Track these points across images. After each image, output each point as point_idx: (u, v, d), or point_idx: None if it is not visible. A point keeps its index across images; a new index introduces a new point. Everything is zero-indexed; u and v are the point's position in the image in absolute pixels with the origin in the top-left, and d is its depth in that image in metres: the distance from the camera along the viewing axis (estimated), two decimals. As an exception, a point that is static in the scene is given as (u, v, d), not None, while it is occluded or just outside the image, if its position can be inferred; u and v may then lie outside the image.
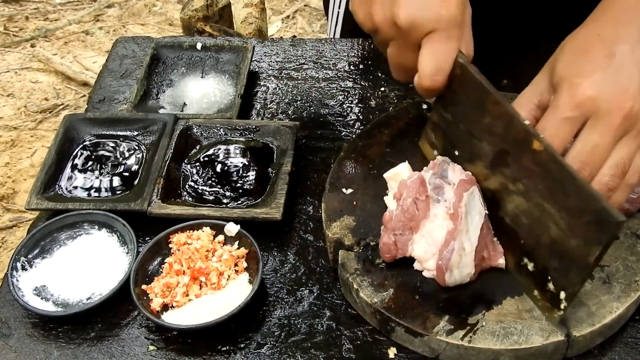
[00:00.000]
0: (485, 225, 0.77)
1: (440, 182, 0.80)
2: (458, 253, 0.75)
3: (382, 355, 0.77)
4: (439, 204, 0.79)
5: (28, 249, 0.88)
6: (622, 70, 0.74)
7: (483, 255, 0.77)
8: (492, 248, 0.78)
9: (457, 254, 0.75)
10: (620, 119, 0.73)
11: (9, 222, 2.32)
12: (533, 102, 0.80)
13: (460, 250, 0.75)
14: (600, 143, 0.74)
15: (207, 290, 0.82)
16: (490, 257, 0.78)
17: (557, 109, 0.75)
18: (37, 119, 2.67)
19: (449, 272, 0.75)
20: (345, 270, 0.80)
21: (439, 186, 0.80)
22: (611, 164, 0.74)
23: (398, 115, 0.98)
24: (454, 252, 0.75)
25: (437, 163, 0.82)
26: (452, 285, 0.77)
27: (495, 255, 0.78)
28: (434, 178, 0.80)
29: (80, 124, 1.03)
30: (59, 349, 0.80)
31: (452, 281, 0.76)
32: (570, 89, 0.74)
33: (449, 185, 0.80)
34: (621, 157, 0.74)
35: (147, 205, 0.90)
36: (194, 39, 1.20)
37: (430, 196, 0.79)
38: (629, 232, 0.81)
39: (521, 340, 0.72)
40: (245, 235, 0.85)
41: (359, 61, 1.15)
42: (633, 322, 0.78)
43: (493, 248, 0.78)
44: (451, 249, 0.75)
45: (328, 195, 0.88)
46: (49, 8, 3.25)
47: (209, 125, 1.01)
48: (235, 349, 0.79)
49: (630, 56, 0.75)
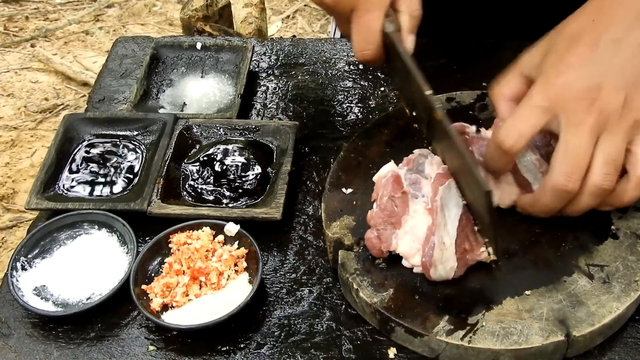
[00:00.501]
0: (464, 217, 0.77)
1: (416, 177, 0.80)
2: (439, 248, 0.75)
3: (382, 355, 0.77)
4: (417, 200, 0.79)
5: (28, 249, 0.88)
6: (600, 64, 0.75)
7: (465, 247, 0.77)
8: (473, 239, 0.78)
9: (438, 248, 0.75)
10: (592, 116, 0.73)
11: (9, 222, 2.32)
12: (523, 75, 0.82)
13: (441, 245, 0.75)
14: (578, 144, 0.74)
15: (207, 290, 0.82)
16: (472, 249, 0.77)
17: (531, 97, 0.77)
18: (37, 119, 2.67)
19: (434, 268, 0.76)
20: (345, 270, 0.80)
21: (416, 181, 0.80)
22: (599, 164, 0.74)
23: (398, 115, 0.98)
24: (435, 247, 0.75)
25: (412, 158, 0.83)
26: (439, 280, 0.77)
27: (476, 246, 0.78)
28: (410, 174, 0.81)
29: (80, 124, 1.03)
30: (59, 348, 0.80)
31: (438, 276, 0.76)
32: (545, 83, 0.76)
33: (426, 180, 0.80)
34: (608, 153, 0.74)
35: (147, 205, 0.90)
36: (194, 38, 1.20)
37: (408, 192, 0.80)
38: (629, 231, 0.81)
39: (521, 340, 0.72)
40: (245, 235, 0.85)
41: (359, 61, 1.15)
42: (633, 322, 0.78)
43: (474, 239, 0.78)
44: (431, 244, 0.76)
45: (328, 194, 0.88)
46: (49, 8, 3.25)
47: (209, 125, 1.01)
48: (235, 349, 0.79)
49: (612, 47, 0.75)
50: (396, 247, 0.79)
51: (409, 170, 0.81)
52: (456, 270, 0.76)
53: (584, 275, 0.77)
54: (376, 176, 0.85)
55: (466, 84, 1.05)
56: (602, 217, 0.82)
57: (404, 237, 0.78)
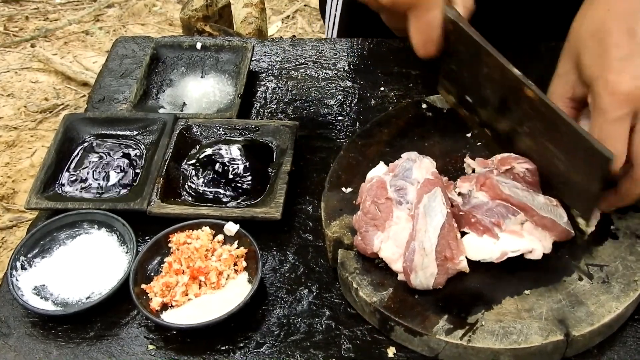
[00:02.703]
0: (447, 224, 0.77)
1: (402, 183, 0.80)
2: (419, 253, 0.75)
3: (382, 354, 0.77)
4: (401, 206, 0.79)
5: (28, 249, 0.88)
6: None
7: (445, 255, 0.76)
8: (454, 246, 0.77)
9: (418, 254, 0.75)
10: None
11: (9, 222, 2.32)
12: (566, 97, 0.81)
13: (421, 251, 0.75)
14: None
15: (207, 290, 0.82)
16: (452, 257, 0.76)
17: (604, 112, 0.73)
18: (37, 119, 2.67)
19: (414, 274, 0.75)
20: (345, 269, 0.80)
21: (401, 187, 0.80)
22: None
23: (397, 114, 0.98)
24: (415, 252, 0.75)
25: (397, 164, 0.83)
26: (420, 288, 0.76)
27: (457, 254, 0.77)
28: (395, 180, 0.81)
29: (80, 124, 1.03)
30: (59, 348, 0.80)
31: (419, 283, 0.76)
32: (607, 88, 0.73)
33: (412, 186, 0.80)
34: None
35: (146, 204, 0.90)
36: (194, 38, 1.20)
37: (393, 198, 0.79)
38: (629, 231, 0.81)
39: (520, 340, 0.72)
40: (244, 235, 0.85)
41: (359, 61, 1.15)
42: (632, 321, 0.78)
43: (455, 246, 0.77)
44: (412, 249, 0.75)
45: (328, 194, 0.88)
46: (49, 8, 3.25)
47: (209, 125, 1.01)
48: (235, 348, 0.79)
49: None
50: (379, 250, 0.78)
51: (395, 177, 0.81)
52: (436, 277, 0.76)
53: (583, 275, 0.77)
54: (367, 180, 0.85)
55: (466, 84, 1.05)
56: (602, 218, 0.82)
57: (387, 241, 0.78)
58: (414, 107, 0.99)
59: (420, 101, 0.99)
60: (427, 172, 0.80)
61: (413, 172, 0.81)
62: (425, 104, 0.99)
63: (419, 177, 0.80)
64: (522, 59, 1.08)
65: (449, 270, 0.77)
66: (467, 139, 0.94)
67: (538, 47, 1.11)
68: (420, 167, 0.81)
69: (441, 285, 0.77)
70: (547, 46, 1.10)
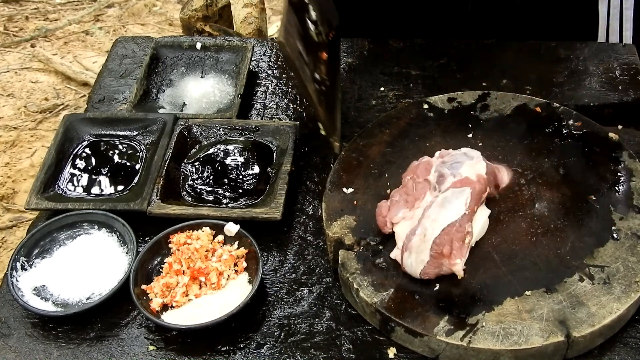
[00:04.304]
0: (458, 224, 0.77)
1: (446, 172, 0.81)
2: (419, 236, 0.76)
3: (382, 355, 0.77)
4: (435, 192, 0.81)
5: (28, 249, 0.87)
6: None
7: (443, 250, 0.76)
8: (456, 247, 0.77)
9: (418, 237, 0.76)
10: None
11: (9, 222, 2.32)
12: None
13: (422, 235, 0.76)
14: None
15: (207, 290, 0.82)
16: (450, 256, 0.77)
17: None
18: (37, 119, 2.67)
19: (407, 252, 0.76)
20: (346, 269, 0.80)
21: (443, 176, 0.81)
22: None
23: (398, 114, 0.98)
24: (416, 234, 0.77)
25: (451, 152, 0.84)
26: (408, 271, 0.77)
27: (456, 255, 0.77)
28: (442, 167, 0.82)
29: (80, 124, 1.03)
30: (59, 348, 0.80)
31: (409, 264, 0.77)
32: None
33: (453, 178, 0.81)
34: None
35: (146, 205, 0.90)
36: (194, 38, 1.20)
37: (431, 182, 0.81)
38: (630, 233, 0.81)
39: (521, 341, 0.72)
40: (244, 235, 0.85)
41: (359, 61, 1.15)
42: (633, 322, 0.78)
43: (458, 248, 0.77)
44: (415, 230, 0.78)
45: (329, 194, 0.88)
46: (49, 8, 3.25)
47: (209, 125, 1.01)
48: (235, 348, 0.78)
49: None
50: (398, 223, 0.80)
51: (443, 163, 0.82)
52: (426, 266, 0.76)
53: (584, 276, 0.77)
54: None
55: (466, 84, 1.05)
56: (603, 219, 0.82)
57: (408, 220, 0.80)
58: (415, 107, 0.99)
59: (421, 101, 0.99)
60: (474, 173, 0.81)
61: (462, 166, 0.81)
62: (427, 104, 0.98)
63: (464, 173, 0.80)
64: (522, 59, 1.09)
65: (442, 266, 0.77)
66: (469, 139, 0.93)
67: (539, 48, 1.11)
68: (471, 166, 0.81)
69: (430, 277, 0.77)
70: (547, 46, 1.11)
